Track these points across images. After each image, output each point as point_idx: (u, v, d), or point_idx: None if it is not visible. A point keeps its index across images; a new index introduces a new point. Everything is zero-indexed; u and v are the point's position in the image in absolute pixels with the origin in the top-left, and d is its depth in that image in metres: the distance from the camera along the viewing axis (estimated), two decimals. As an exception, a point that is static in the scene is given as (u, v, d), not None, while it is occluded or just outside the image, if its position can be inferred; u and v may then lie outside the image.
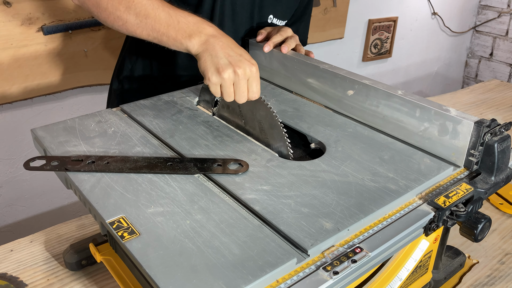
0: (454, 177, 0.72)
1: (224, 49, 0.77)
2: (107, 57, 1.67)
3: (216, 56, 0.76)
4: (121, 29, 0.83)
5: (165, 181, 0.67)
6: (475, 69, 3.29)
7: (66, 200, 1.86)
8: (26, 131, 1.64)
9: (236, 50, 0.78)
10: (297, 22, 1.21)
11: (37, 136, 0.80)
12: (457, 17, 3.05)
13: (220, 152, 0.75)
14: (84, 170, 0.69)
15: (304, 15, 1.23)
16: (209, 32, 0.79)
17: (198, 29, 0.79)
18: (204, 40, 0.78)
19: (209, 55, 0.77)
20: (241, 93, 0.77)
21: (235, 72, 0.75)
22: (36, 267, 0.82)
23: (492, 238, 0.95)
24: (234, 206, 0.63)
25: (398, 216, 0.63)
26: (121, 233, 0.56)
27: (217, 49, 0.77)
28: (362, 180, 0.68)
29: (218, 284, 0.49)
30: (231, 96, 0.77)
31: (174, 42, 0.80)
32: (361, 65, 2.67)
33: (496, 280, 0.84)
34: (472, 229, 0.66)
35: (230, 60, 0.76)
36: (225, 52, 0.77)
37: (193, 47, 0.78)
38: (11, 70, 1.50)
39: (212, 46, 0.77)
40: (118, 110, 0.91)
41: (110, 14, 0.82)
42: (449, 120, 0.73)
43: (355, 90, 0.86)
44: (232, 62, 0.76)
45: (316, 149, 0.82)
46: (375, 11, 2.57)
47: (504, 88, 1.75)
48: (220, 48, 0.77)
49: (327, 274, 0.52)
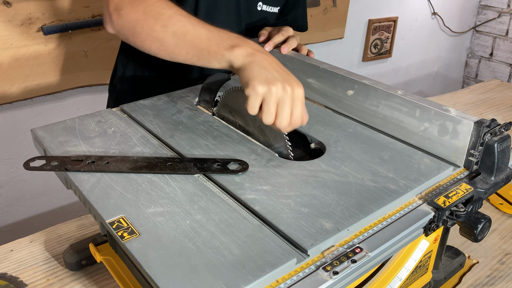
0: (454, 177, 0.72)
1: (272, 65, 0.72)
2: (107, 57, 1.67)
3: (265, 68, 0.70)
4: (159, 51, 0.79)
5: (165, 181, 0.67)
6: (475, 69, 3.30)
7: (66, 200, 1.86)
8: (26, 131, 1.64)
9: (285, 69, 0.73)
10: (293, 9, 1.20)
11: (37, 136, 0.80)
12: (457, 17, 3.06)
13: (220, 152, 0.75)
14: (84, 170, 0.69)
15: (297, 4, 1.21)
16: (254, 46, 0.75)
17: (243, 41, 0.75)
18: (250, 52, 0.73)
19: (258, 66, 0.71)
20: (284, 115, 0.70)
21: (284, 89, 0.69)
22: (36, 267, 0.82)
23: (492, 238, 0.95)
24: (234, 206, 0.63)
25: (398, 216, 0.63)
26: (121, 233, 0.57)
27: (266, 63, 0.71)
28: (362, 180, 0.68)
29: (218, 284, 0.49)
30: (272, 116, 0.70)
31: (215, 55, 0.75)
32: (361, 65, 2.68)
33: (496, 280, 0.84)
34: (472, 229, 0.66)
35: (280, 76, 0.70)
36: (274, 68, 0.71)
37: (237, 57, 0.73)
38: (11, 70, 1.50)
39: (260, 59, 0.72)
40: (118, 110, 0.91)
41: (147, 36, 0.78)
42: (449, 120, 0.73)
43: (355, 90, 0.86)
44: (283, 78, 0.70)
45: (316, 149, 0.82)
46: (375, 11, 2.58)
47: (504, 88, 1.75)
48: (268, 62, 0.72)
49: (327, 274, 0.53)
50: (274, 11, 1.14)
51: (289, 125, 0.71)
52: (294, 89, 0.70)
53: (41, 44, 1.52)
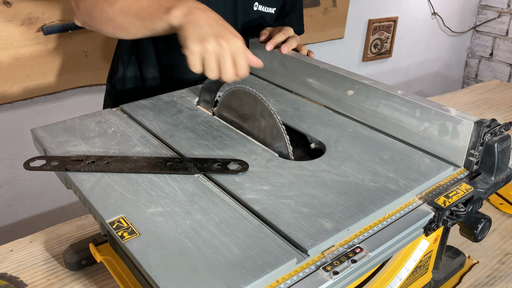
0: (454, 177, 0.72)
1: (208, 21, 0.72)
2: (107, 57, 1.67)
3: (200, 26, 0.71)
4: (115, 32, 0.82)
5: (165, 181, 0.67)
6: (475, 69, 3.30)
7: (66, 200, 1.86)
8: (26, 131, 1.64)
9: (221, 23, 0.73)
10: (290, 12, 1.21)
11: (37, 136, 0.80)
12: (457, 17, 3.06)
13: (220, 152, 0.75)
14: (84, 170, 0.69)
15: (296, 3, 1.22)
16: (191, 4, 0.75)
17: (179, 1, 0.75)
18: (186, 11, 0.73)
19: (192, 25, 0.71)
20: (227, 69, 0.71)
21: (219, 44, 0.70)
22: (36, 267, 0.82)
23: (492, 238, 0.95)
24: (234, 206, 0.63)
25: (398, 216, 0.63)
26: (121, 233, 0.57)
27: (201, 20, 0.72)
28: (362, 180, 0.68)
29: (218, 284, 0.49)
30: (215, 71, 0.72)
31: (156, 21, 0.76)
32: (361, 65, 2.68)
33: (496, 280, 0.84)
34: (472, 229, 0.66)
35: (214, 32, 0.71)
36: (210, 23, 0.72)
37: (174, 19, 0.73)
38: (11, 70, 1.50)
39: (196, 17, 0.72)
40: (118, 110, 0.91)
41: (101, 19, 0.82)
42: (449, 120, 0.73)
43: (355, 90, 0.86)
44: (217, 33, 0.71)
45: (316, 149, 0.82)
46: (375, 11, 2.58)
47: (504, 88, 1.75)
48: (204, 19, 0.72)
49: (327, 274, 0.52)
50: (270, 11, 1.14)
51: (236, 76, 0.73)
52: (229, 42, 0.70)
53: (41, 44, 1.52)
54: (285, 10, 1.20)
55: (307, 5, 2.13)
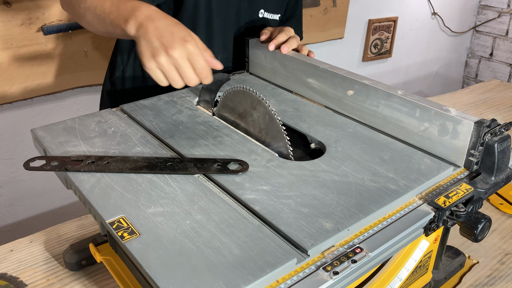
0: (454, 177, 0.72)
1: (157, 31, 0.71)
2: (107, 57, 1.67)
3: (149, 40, 0.71)
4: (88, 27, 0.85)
5: (165, 181, 0.67)
6: (475, 69, 3.29)
7: (66, 200, 1.86)
8: (26, 131, 1.64)
9: (170, 29, 0.72)
10: (290, 18, 1.21)
11: (37, 136, 0.80)
12: (457, 17, 3.06)
13: (220, 152, 0.75)
14: (84, 170, 0.69)
15: (296, 9, 1.22)
16: (143, 14, 0.74)
17: (133, 12, 0.75)
18: (139, 23, 0.74)
19: (144, 39, 0.72)
20: (187, 76, 0.71)
21: (169, 55, 0.69)
22: (36, 267, 0.82)
23: (492, 238, 0.95)
24: (234, 206, 0.63)
25: (398, 216, 0.63)
26: (121, 233, 0.56)
27: (150, 32, 0.71)
28: (362, 180, 0.68)
29: (218, 284, 0.49)
30: (179, 81, 0.72)
31: (116, 29, 0.78)
32: (361, 65, 2.68)
33: (496, 280, 0.84)
34: (472, 229, 0.66)
35: (162, 42, 0.70)
36: (158, 34, 0.71)
37: (130, 31, 0.74)
38: (11, 70, 1.50)
39: (146, 29, 0.72)
40: (118, 110, 0.91)
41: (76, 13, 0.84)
42: (449, 120, 0.73)
43: (355, 90, 0.86)
44: (165, 43, 0.70)
45: (316, 149, 0.82)
46: (375, 11, 2.57)
47: (504, 88, 1.75)
48: (153, 30, 0.72)
49: (327, 274, 0.52)
50: (275, 18, 1.16)
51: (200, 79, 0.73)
52: (179, 50, 0.70)
53: (41, 44, 1.52)
54: (285, 15, 1.21)
55: (307, 5, 2.13)
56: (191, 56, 0.71)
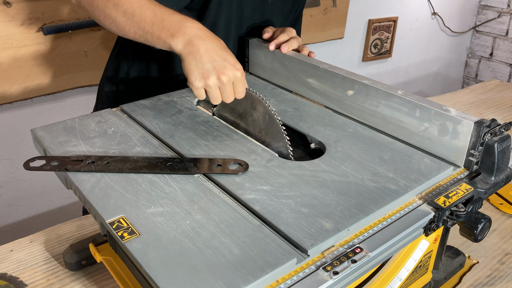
0: (454, 177, 0.72)
1: (209, 53, 0.75)
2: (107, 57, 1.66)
3: (200, 60, 0.75)
4: (112, 27, 0.83)
5: (165, 181, 0.67)
6: (475, 69, 3.30)
7: (66, 200, 1.86)
8: (26, 131, 1.64)
9: (221, 54, 0.76)
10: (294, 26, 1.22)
11: (37, 136, 0.80)
12: (457, 17, 3.06)
13: (220, 152, 0.75)
14: (84, 170, 0.69)
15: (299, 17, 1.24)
16: (193, 32, 0.77)
17: (181, 28, 0.77)
18: (187, 40, 0.76)
19: (194, 58, 0.75)
20: (227, 96, 0.78)
21: (219, 79, 0.75)
22: (36, 267, 0.82)
23: (492, 238, 0.95)
24: (234, 206, 0.63)
25: (398, 216, 0.63)
26: (121, 233, 0.56)
27: (202, 53, 0.75)
28: (362, 180, 0.68)
29: (218, 284, 0.49)
30: (218, 99, 0.78)
31: (158, 40, 0.79)
32: (361, 65, 2.68)
33: (496, 280, 0.84)
34: (472, 229, 0.66)
35: (214, 66, 0.75)
36: (210, 56, 0.75)
37: (176, 46, 0.77)
38: (11, 70, 1.50)
39: (197, 48, 0.75)
40: (118, 110, 0.91)
41: (101, 12, 0.82)
42: (449, 120, 0.73)
43: (355, 90, 0.86)
44: (217, 67, 0.75)
45: (316, 149, 0.82)
46: (375, 11, 2.58)
47: (504, 88, 1.75)
48: (204, 51, 0.75)
49: (327, 274, 0.52)
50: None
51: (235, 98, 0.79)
52: (229, 76, 0.75)
53: (41, 44, 1.52)
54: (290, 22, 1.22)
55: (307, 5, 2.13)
56: (236, 81, 0.77)
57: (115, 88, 1.15)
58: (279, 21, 1.15)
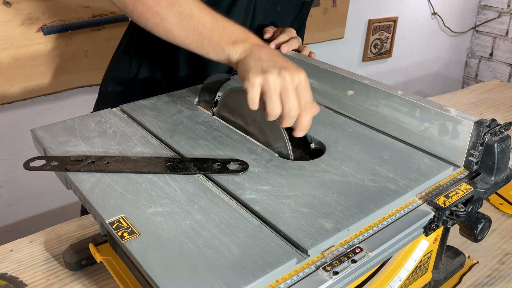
0: (454, 177, 0.72)
1: (269, 55, 0.70)
2: (107, 57, 1.67)
3: (260, 59, 0.69)
4: (156, 27, 0.77)
5: (165, 181, 0.67)
6: (475, 69, 3.30)
7: (66, 200, 1.87)
8: (26, 131, 1.64)
9: (282, 58, 0.71)
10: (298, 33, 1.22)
11: (37, 136, 0.80)
12: (457, 17, 3.06)
13: (220, 152, 0.75)
14: (84, 170, 0.69)
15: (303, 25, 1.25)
16: (255, 42, 0.74)
17: (244, 37, 0.74)
18: (248, 47, 0.72)
19: (253, 59, 0.69)
20: (290, 102, 0.65)
21: (281, 75, 0.65)
22: (36, 267, 0.82)
23: (492, 238, 0.95)
24: (234, 206, 0.63)
25: (398, 216, 0.63)
26: (121, 233, 0.57)
27: (262, 55, 0.70)
28: (362, 180, 0.68)
29: (218, 284, 0.49)
30: (277, 108, 0.66)
31: (215, 47, 0.74)
32: (361, 65, 2.68)
33: (496, 280, 0.84)
34: (472, 229, 0.66)
35: (276, 63, 0.68)
36: (270, 57, 0.69)
37: (235, 53, 0.72)
38: (11, 70, 1.50)
39: (257, 52, 0.71)
40: (118, 110, 0.91)
41: (149, 9, 0.75)
42: (449, 120, 0.73)
43: (355, 90, 0.86)
44: (280, 65, 0.67)
45: (316, 149, 0.82)
46: (375, 11, 2.58)
47: (504, 88, 1.75)
48: (265, 54, 0.70)
49: (327, 274, 0.53)
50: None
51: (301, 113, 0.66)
52: (293, 74, 0.66)
53: (41, 44, 1.52)
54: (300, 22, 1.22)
55: (307, 5, 2.13)
56: (301, 84, 0.66)
57: (122, 88, 1.13)
58: None
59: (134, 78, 1.12)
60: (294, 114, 0.66)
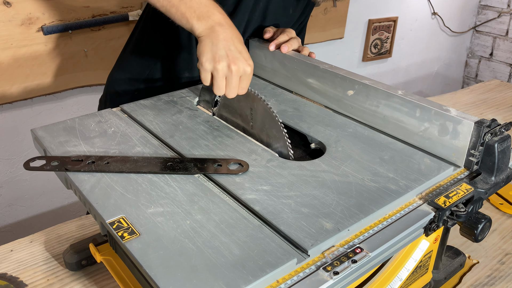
0: (454, 177, 0.72)
1: (226, 41, 0.77)
2: (107, 57, 1.67)
3: (216, 45, 0.77)
4: None
5: (165, 181, 0.67)
6: (475, 69, 3.29)
7: (66, 200, 1.86)
8: (26, 131, 1.64)
9: (237, 46, 0.78)
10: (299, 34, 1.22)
11: (37, 136, 0.80)
12: (457, 17, 3.06)
13: (220, 152, 0.75)
14: (84, 170, 0.69)
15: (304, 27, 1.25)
16: (217, 19, 0.79)
17: (208, 13, 0.79)
18: (210, 25, 0.78)
19: (210, 42, 0.77)
20: (232, 88, 0.78)
21: (229, 67, 0.76)
22: (36, 267, 0.82)
23: (492, 238, 0.95)
24: (234, 206, 0.63)
25: (398, 216, 0.63)
26: (121, 233, 0.56)
27: (220, 39, 0.77)
28: (362, 180, 0.68)
29: (218, 284, 0.49)
30: (222, 89, 0.78)
31: (181, 18, 0.81)
32: (361, 65, 2.67)
33: (496, 280, 0.84)
34: (472, 229, 0.66)
35: (228, 54, 0.77)
36: (226, 44, 0.77)
37: (197, 29, 0.79)
38: (11, 70, 1.50)
39: (216, 34, 0.78)
40: (118, 110, 0.91)
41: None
42: (449, 120, 0.73)
43: (355, 90, 0.86)
44: (230, 56, 0.77)
45: (316, 149, 0.82)
46: (375, 11, 2.57)
47: (504, 88, 1.75)
48: (223, 38, 0.77)
49: (327, 274, 0.52)
50: None
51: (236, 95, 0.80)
52: (239, 68, 0.77)
53: (41, 44, 1.52)
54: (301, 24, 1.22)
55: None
56: (244, 75, 0.78)
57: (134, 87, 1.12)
58: None
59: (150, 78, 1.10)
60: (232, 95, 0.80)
